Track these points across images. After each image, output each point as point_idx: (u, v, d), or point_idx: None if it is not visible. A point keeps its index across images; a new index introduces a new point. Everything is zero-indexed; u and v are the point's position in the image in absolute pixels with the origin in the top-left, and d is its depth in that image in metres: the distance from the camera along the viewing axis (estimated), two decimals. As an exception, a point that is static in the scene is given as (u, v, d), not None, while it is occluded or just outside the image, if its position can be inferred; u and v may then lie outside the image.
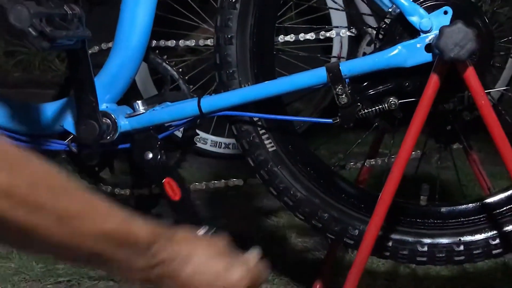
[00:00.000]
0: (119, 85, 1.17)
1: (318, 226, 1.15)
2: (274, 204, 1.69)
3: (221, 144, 2.15)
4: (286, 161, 1.14)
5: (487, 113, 1.00)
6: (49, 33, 0.94)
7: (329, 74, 1.06)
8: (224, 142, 2.14)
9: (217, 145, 2.15)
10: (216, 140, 2.14)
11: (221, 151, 2.15)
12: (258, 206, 1.74)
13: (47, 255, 0.66)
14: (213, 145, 2.14)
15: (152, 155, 1.14)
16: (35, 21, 0.93)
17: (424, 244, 1.13)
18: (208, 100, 1.12)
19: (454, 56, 0.98)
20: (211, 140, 2.14)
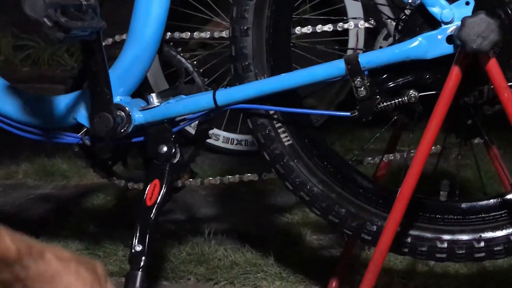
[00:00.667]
0: (133, 77, 1.18)
1: (335, 222, 1.15)
2: (287, 201, 1.71)
3: (233, 140, 2.16)
4: (302, 155, 1.14)
5: (509, 107, 0.99)
6: (64, 23, 0.94)
7: (347, 66, 1.06)
8: (236, 139, 2.16)
9: (229, 142, 2.16)
10: (228, 136, 2.15)
11: (233, 148, 2.16)
12: (272, 203, 1.75)
13: None
14: (225, 141, 2.15)
15: (167, 148, 1.15)
16: (50, 11, 0.93)
17: (443, 241, 1.12)
18: (224, 93, 1.12)
19: (477, 47, 0.98)
20: (223, 137, 2.15)
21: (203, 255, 1.42)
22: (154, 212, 1.12)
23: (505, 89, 0.99)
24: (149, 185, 1.13)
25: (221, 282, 1.36)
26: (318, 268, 1.37)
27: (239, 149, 2.16)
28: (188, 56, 1.24)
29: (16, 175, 1.89)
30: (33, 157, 1.97)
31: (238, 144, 2.16)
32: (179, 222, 1.63)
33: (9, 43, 2.85)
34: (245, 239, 1.50)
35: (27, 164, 1.94)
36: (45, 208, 1.71)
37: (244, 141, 2.16)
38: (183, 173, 1.26)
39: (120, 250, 1.45)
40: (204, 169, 1.93)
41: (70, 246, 1.48)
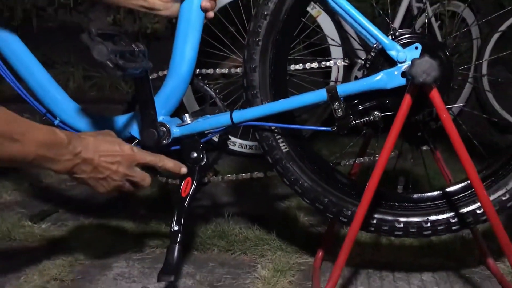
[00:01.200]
0: (172, 102, 1.19)
1: (320, 208, 1.15)
2: (286, 192, 1.70)
3: (246, 146, 2.15)
4: (296, 159, 1.15)
5: (447, 124, 1.00)
6: (122, 65, 0.96)
7: (328, 94, 1.07)
8: (248, 144, 2.15)
9: (243, 147, 2.15)
10: (243, 143, 2.14)
11: (246, 151, 2.15)
12: (274, 193, 1.75)
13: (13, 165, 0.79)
14: (240, 146, 2.14)
15: (196, 154, 1.15)
16: (112, 56, 0.94)
17: (400, 222, 1.13)
18: (238, 113, 1.13)
19: (422, 81, 0.98)
20: (239, 143, 2.14)
21: (223, 232, 1.42)
22: (187, 201, 1.12)
23: (443, 111, 1.00)
24: (183, 181, 1.14)
25: (236, 252, 1.34)
26: (309, 242, 1.36)
27: (251, 153, 2.15)
28: (212, 85, 1.24)
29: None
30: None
31: (250, 149, 2.15)
32: (206, 208, 1.63)
33: (80, 74, 2.83)
34: (255, 220, 1.50)
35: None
36: (107, 198, 1.71)
37: (254, 146, 2.14)
38: (208, 172, 1.29)
39: (162, 229, 1.44)
40: (224, 168, 1.92)
41: (126, 225, 1.47)
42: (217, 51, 2.09)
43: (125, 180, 0.92)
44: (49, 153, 0.81)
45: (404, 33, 1.07)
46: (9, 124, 0.77)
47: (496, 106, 2.40)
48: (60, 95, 1.19)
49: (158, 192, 1.70)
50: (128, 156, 0.92)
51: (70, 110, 1.19)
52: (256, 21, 1.11)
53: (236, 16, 2.06)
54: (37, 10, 2.81)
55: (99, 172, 0.88)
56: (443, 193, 1.14)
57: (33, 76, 1.16)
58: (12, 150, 0.76)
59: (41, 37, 2.77)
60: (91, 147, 0.87)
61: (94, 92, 2.78)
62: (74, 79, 2.81)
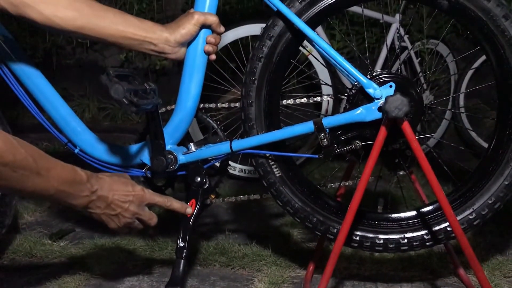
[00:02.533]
0: (179, 133, 1.21)
1: (310, 227, 1.17)
2: (280, 212, 1.71)
3: (245, 170, 2.16)
4: (287, 182, 1.17)
5: (417, 152, 1.03)
6: (136, 102, 1.00)
7: (315, 126, 1.11)
8: (247, 169, 2.15)
9: (243, 171, 2.16)
10: (242, 167, 2.15)
11: (245, 176, 2.16)
12: (270, 213, 1.76)
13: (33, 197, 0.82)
14: (240, 171, 2.15)
15: (200, 178, 1.19)
16: (127, 95, 0.98)
17: (380, 238, 1.14)
18: (237, 143, 1.16)
19: (395, 115, 1.02)
20: (239, 168, 2.15)
21: (224, 249, 1.42)
22: (191, 220, 1.14)
23: (414, 141, 1.04)
24: (188, 202, 1.16)
25: (236, 267, 1.34)
26: (301, 257, 1.37)
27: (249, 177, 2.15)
28: (214, 118, 1.26)
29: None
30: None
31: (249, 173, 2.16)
32: (208, 226, 1.64)
33: (95, 105, 2.84)
34: (252, 238, 1.50)
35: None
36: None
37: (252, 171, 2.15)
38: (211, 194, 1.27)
39: (169, 246, 1.45)
40: (225, 191, 1.94)
41: (136, 243, 1.48)
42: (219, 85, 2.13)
43: (134, 218, 0.93)
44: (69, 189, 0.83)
45: (381, 73, 1.11)
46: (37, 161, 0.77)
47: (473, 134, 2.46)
48: (80, 127, 1.22)
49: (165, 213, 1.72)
50: (139, 196, 0.94)
51: (89, 140, 1.22)
52: (252, 63, 1.16)
53: (236, 54, 2.11)
54: (57, 48, 2.86)
55: (112, 209, 0.89)
56: (418, 213, 1.16)
57: (55, 109, 1.19)
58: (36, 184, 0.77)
59: (60, 73, 2.83)
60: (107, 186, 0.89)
61: (107, 122, 2.81)
62: (89, 110, 2.84)
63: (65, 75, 2.86)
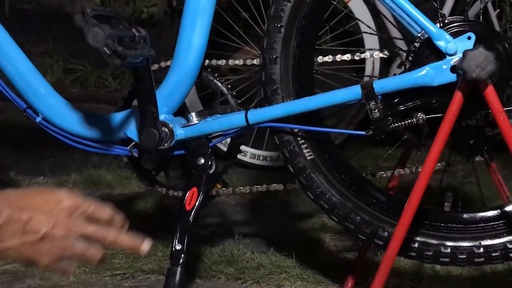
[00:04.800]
0: (176, 98, 1.22)
1: (351, 228, 1.17)
2: (308, 210, 1.72)
3: (259, 156, 2.16)
4: (322, 168, 1.17)
5: (505, 129, 1.02)
6: (121, 52, 0.99)
7: (363, 91, 1.10)
8: (262, 155, 2.16)
9: (255, 157, 2.16)
10: (255, 152, 2.16)
11: (259, 163, 2.16)
12: (294, 212, 1.76)
13: None
14: (252, 157, 2.16)
15: (204, 160, 1.18)
16: (109, 42, 0.98)
17: (447, 246, 1.14)
18: (254, 113, 1.16)
19: (476, 76, 1.01)
20: (251, 153, 2.15)
21: (232, 256, 1.43)
22: (192, 215, 1.15)
23: (501, 113, 1.02)
24: (188, 192, 1.16)
25: (248, 282, 1.35)
26: (335, 270, 1.37)
27: (264, 165, 2.16)
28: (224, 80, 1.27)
29: (66, 184, 1.92)
30: (82, 169, 2.00)
31: (264, 160, 2.16)
32: (211, 227, 1.65)
33: (60, 66, 2.86)
34: (270, 243, 1.51)
35: (76, 175, 1.96)
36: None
37: (269, 157, 2.16)
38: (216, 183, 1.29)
39: (159, 251, 1.45)
40: (233, 182, 1.92)
41: None
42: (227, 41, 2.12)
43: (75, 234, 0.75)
44: None
45: (455, 20, 1.10)
46: None
47: None
48: (44, 88, 1.22)
49: (153, 208, 1.72)
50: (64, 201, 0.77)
51: (56, 106, 1.23)
52: (278, 4, 1.15)
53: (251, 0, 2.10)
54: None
55: (33, 231, 0.74)
56: (500, 213, 1.15)
57: (11, 63, 1.19)
58: None
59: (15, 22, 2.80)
60: (14, 200, 0.75)
61: (76, 89, 2.82)
62: (52, 72, 2.86)
63: (21, 24, 2.84)
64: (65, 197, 0.76)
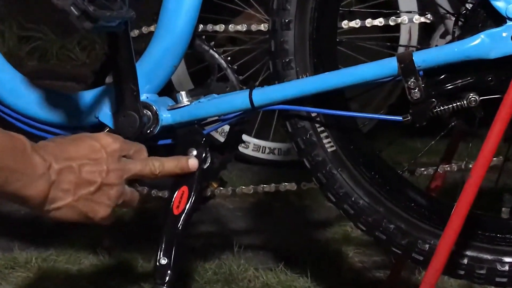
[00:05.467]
0: (162, 74, 1.21)
1: (382, 239, 1.17)
2: (326, 216, 1.72)
3: (264, 148, 2.18)
4: (347, 163, 1.16)
5: None
6: (92, 12, 0.97)
7: (400, 64, 1.08)
8: (268, 147, 2.17)
9: (260, 150, 2.18)
10: (260, 143, 2.17)
11: (264, 157, 2.18)
12: (308, 218, 1.76)
13: None
14: (255, 149, 2.17)
15: (197, 152, 1.16)
16: (78, 0, 0.96)
17: (505, 263, 1.13)
18: (261, 92, 1.14)
19: None
20: (254, 144, 2.17)
21: (231, 274, 1.44)
22: (181, 222, 1.13)
23: None
24: (176, 192, 1.15)
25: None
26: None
27: (271, 159, 2.17)
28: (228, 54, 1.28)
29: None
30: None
31: (271, 153, 2.18)
32: (205, 236, 1.65)
33: (14, 33, 2.88)
34: (278, 258, 1.52)
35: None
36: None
37: (277, 150, 2.18)
38: (212, 181, 1.29)
39: (138, 266, 1.47)
40: (232, 180, 1.94)
41: (83, 261, 1.51)
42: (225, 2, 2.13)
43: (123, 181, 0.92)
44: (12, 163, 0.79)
45: None
46: None
47: None
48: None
49: (132, 210, 1.72)
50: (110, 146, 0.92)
51: (9, 82, 1.24)
52: None
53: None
54: None
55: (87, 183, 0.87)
56: None
57: None
58: None
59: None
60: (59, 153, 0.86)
61: (34, 62, 2.83)
62: (4, 40, 2.86)
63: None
64: (109, 141, 0.91)
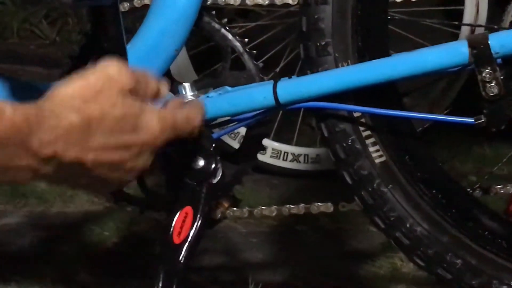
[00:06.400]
0: (159, 60, 1.23)
1: (446, 278, 1.18)
2: (368, 245, 1.73)
3: (286, 155, 2.18)
4: (400, 178, 1.18)
5: None
6: None
7: (472, 50, 1.08)
8: (291, 152, 2.18)
9: (281, 157, 2.18)
10: (280, 148, 2.18)
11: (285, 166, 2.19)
12: (345, 248, 1.77)
13: None
14: (275, 155, 2.18)
15: (204, 162, 1.16)
16: None
17: None
18: (288, 85, 1.15)
19: None
20: (273, 149, 2.17)
21: None
22: (184, 253, 1.13)
23: None
24: (177, 214, 1.15)
25: None
26: None
27: (294, 168, 2.18)
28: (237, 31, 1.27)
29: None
30: None
31: (294, 161, 2.19)
32: (210, 271, 1.66)
33: None
34: None
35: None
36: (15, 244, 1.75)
37: (302, 157, 2.19)
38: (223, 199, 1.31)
39: None
40: (245, 196, 1.92)
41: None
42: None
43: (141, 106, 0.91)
44: None
45: None
46: None
47: None
48: None
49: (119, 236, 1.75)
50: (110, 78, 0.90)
51: None
52: None
53: None
54: None
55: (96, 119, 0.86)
56: None
57: None
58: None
59: None
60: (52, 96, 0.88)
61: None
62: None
63: None
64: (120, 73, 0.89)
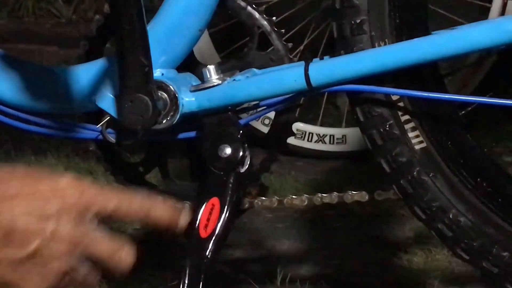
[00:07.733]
0: (182, 41, 1.21)
1: (493, 272, 1.17)
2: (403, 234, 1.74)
3: (311, 135, 2.21)
4: (442, 166, 1.17)
5: None
6: None
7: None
8: (316, 133, 2.21)
9: (305, 137, 2.21)
10: (305, 129, 2.20)
11: (311, 147, 2.21)
12: (378, 236, 1.79)
13: None
14: (299, 137, 2.20)
15: (231, 150, 1.17)
16: None
17: None
18: (321, 67, 1.15)
19: None
20: (297, 130, 2.17)
21: None
22: (211, 247, 1.15)
23: None
24: (203, 206, 1.17)
25: None
26: None
27: (320, 149, 2.21)
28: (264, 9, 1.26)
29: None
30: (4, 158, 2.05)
31: (320, 142, 2.21)
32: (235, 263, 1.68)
33: None
34: None
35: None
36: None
37: (328, 137, 2.21)
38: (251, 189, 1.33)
39: None
40: (270, 180, 1.95)
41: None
42: None
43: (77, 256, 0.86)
44: None
45: None
46: None
47: None
48: None
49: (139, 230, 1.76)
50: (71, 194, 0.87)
51: None
52: None
53: None
54: None
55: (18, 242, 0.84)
56: None
57: None
58: None
59: None
60: None
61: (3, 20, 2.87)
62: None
63: None
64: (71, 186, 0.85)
